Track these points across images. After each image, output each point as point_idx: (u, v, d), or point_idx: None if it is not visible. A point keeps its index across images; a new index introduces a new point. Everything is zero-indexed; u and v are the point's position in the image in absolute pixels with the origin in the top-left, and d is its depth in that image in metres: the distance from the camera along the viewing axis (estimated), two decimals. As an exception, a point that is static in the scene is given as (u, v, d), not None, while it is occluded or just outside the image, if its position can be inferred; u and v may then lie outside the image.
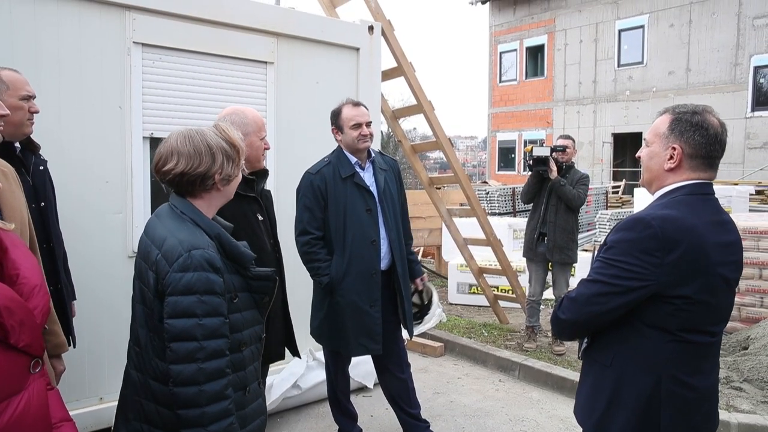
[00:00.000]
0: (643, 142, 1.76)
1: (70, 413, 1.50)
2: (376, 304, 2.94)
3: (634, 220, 1.56)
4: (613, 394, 1.60)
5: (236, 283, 1.60)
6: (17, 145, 2.28)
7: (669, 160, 1.62)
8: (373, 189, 2.99)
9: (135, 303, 1.61)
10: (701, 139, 1.59)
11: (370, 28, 4.10)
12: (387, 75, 4.98)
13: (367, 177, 3.01)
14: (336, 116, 2.99)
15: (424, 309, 3.29)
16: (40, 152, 2.41)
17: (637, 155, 1.76)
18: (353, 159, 2.98)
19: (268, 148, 2.53)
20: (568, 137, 5.09)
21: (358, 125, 2.92)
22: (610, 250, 1.59)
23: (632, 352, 1.59)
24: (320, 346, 3.86)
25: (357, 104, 2.98)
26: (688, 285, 1.50)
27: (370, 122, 2.99)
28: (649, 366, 1.56)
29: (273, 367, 2.78)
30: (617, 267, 1.54)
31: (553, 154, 4.85)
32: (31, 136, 2.32)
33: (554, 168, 4.78)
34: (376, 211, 2.97)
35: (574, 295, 1.65)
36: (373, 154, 3.06)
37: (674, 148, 1.60)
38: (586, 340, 1.72)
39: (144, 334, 1.55)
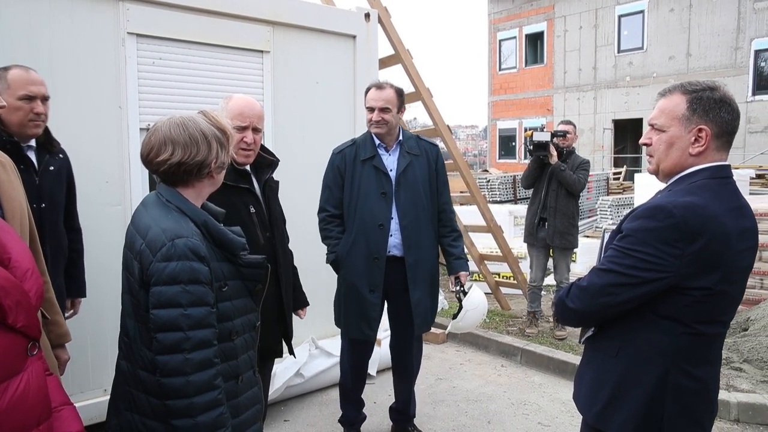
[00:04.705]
0: (647, 127, 1.61)
1: (75, 405, 1.51)
2: (377, 289, 2.89)
3: (655, 207, 1.45)
4: (617, 386, 1.55)
5: (226, 271, 1.57)
6: (32, 143, 2.28)
7: (695, 143, 1.49)
8: (393, 172, 2.92)
9: (123, 293, 1.59)
10: (728, 116, 1.48)
11: (367, 16, 4.08)
12: (384, 63, 4.97)
13: (390, 160, 2.95)
14: (364, 96, 2.98)
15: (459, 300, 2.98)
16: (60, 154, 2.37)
17: (643, 142, 1.63)
18: (377, 140, 2.94)
19: (248, 141, 2.27)
20: (569, 122, 5.08)
21: (370, 109, 2.90)
22: (626, 238, 1.48)
23: (640, 343, 1.52)
24: (323, 335, 3.90)
25: (380, 87, 2.89)
26: (708, 276, 1.42)
27: (386, 108, 2.86)
28: (657, 358, 1.49)
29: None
30: (634, 257, 1.45)
31: (554, 139, 4.85)
32: (51, 134, 2.30)
33: (554, 153, 4.78)
34: (392, 195, 2.90)
35: (585, 284, 1.55)
36: (401, 137, 2.98)
37: (701, 130, 1.48)
38: (592, 329, 1.66)
39: (132, 325, 1.54)
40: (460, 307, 2.94)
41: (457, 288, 3.01)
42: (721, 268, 1.43)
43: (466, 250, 5.80)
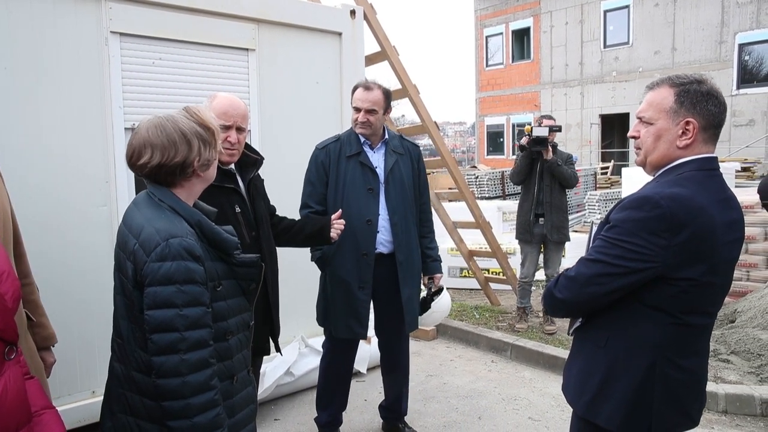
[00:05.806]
0: (634, 121, 1.63)
1: (62, 408, 1.48)
2: (366, 286, 2.87)
3: (642, 198, 1.46)
4: (606, 376, 1.55)
5: (220, 271, 1.56)
6: None
7: (682, 136, 1.50)
8: (380, 169, 2.92)
9: (115, 294, 1.57)
10: (715, 109, 1.49)
11: (352, 13, 4.06)
12: (370, 60, 4.95)
13: (376, 157, 2.94)
14: (351, 94, 2.95)
15: (429, 300, 3.12)
16: None
17: (631, 134, 1.64)
18: (363, 138, 2.92)
19: (232, 141, 2.28)
20: (549, 117, 5.07)
21: (356, 109, 2.87)
22: (614, 228, 1.50)
23: (628, 333, 1.53)
24: (312, 333, 3.88)
25: (368, 87, 2.85)
26: (694, 267, 1.43)
27: (372, 110, 2.83)
28: (645, 348, 1.50)
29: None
30: (621, 247, 1.46)
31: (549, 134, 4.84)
32: None
33: (550, 148, 4.79)
34: (379, 192, 2.89)
35: (573, 274, 1.56)
36: (387, 136, 2.97)
37: (688, 123, 1.49)
38: (580, 319, 1.66)
39: (125, 326, 1.52)
40: (426, 305, 3.08)
41: (430, 288, 3.13)
42: (706, 260, 1.44)
43: (455, 247, 5.87)
